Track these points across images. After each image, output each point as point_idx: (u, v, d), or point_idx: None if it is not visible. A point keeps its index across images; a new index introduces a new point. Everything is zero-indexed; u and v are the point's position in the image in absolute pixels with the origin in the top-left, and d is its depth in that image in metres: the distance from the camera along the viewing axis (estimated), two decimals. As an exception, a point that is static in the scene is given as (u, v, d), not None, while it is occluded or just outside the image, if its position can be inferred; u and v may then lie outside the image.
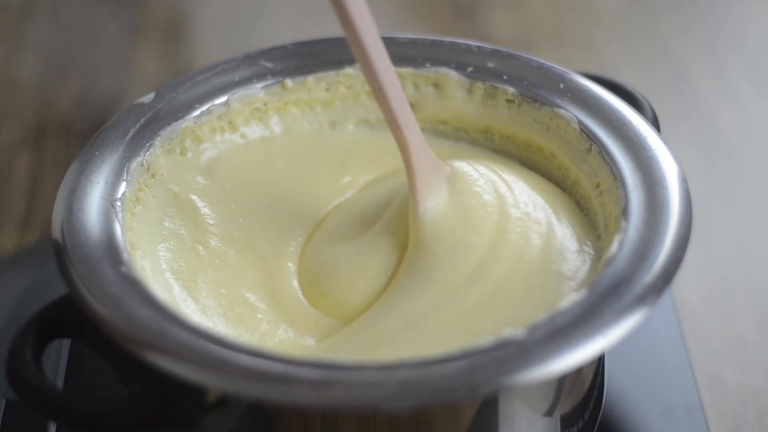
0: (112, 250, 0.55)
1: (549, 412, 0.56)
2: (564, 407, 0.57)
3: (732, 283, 0.78)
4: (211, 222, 0.60)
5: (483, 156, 0.64)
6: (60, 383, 0.63)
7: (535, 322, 0.52)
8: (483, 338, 0.52)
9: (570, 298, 0.53)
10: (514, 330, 0.52)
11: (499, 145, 0.64)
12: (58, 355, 0.64)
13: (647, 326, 0.65)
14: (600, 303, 0.52)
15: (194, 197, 0.61)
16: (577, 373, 0.57)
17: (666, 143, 0.60)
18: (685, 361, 0.65)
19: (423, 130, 0.64)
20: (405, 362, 0.50)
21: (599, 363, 0.60)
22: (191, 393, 0.53)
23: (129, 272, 0.54)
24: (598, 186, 0.60)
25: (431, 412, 0.53)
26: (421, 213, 0.58)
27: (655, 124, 0.62)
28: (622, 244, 0.55)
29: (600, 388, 0.61)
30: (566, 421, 0.58)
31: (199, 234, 0.59)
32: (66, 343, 0.65)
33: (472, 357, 0.50)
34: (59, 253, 0.55)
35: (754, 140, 0.88)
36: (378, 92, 0.57)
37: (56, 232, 0.55)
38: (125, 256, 0.54)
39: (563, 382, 0.56)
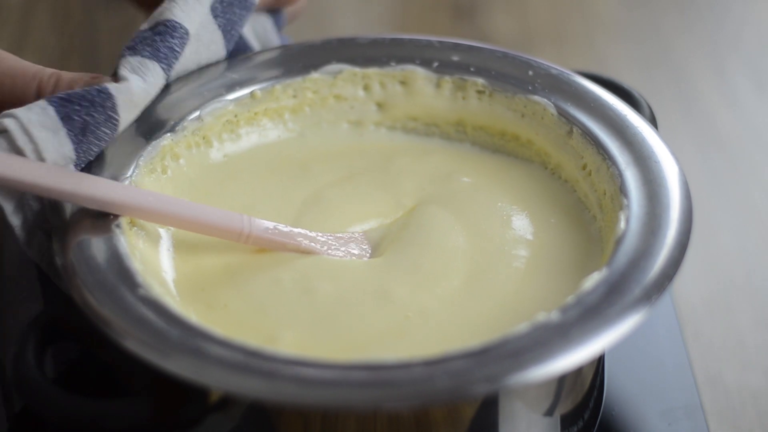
0: (123, 272, 0.54)
1: (549, 412, 0.56)
2: (564, 407, 0.57)
3: (732, 283, 0.78)
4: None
5: (457, 150, 0.65)
6: (59, 384, 0.63)
7: (564, 304, 0.52)
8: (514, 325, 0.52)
9: (592, 278, 0.54)
10: (547, 313, 0.52)
11: (472, 137, 0.65)
12: (58, 356, 0.64)
13: (647, 326, 0.66)
14: (624, 279, 0.53)
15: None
16: (578, 372, 0.57)
17: (645, 120, 0.60)
18: (685, 361, 0.65)
19: (393, 128, 0.65)
20: (452, 354, 0.50)
21: (599, 363, 0.60)
22: (193, 395, 0.53)
23: (146, 293, 0.53)
24: (584, 167, 0.61)
25: (432, 412, 0.53)
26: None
27: (653, 122, 0.62)
28: (629, 221, 0.55)
29: (600, 388, 0.61)
30: (566, 421, 0.58)
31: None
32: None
33: (514, 342, 0.51)
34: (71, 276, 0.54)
35: (754, 140, 0.88)
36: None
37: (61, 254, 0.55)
38: (140, 279, 0.54)
39: (564, 380, 0.56)
